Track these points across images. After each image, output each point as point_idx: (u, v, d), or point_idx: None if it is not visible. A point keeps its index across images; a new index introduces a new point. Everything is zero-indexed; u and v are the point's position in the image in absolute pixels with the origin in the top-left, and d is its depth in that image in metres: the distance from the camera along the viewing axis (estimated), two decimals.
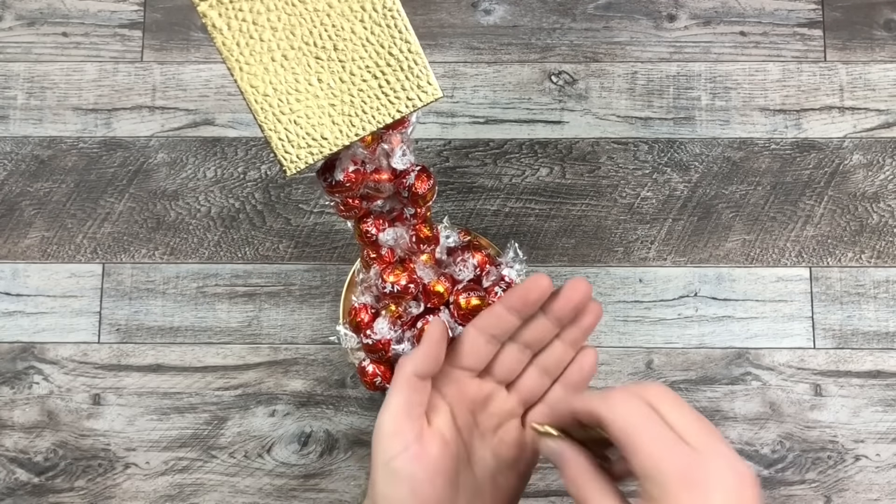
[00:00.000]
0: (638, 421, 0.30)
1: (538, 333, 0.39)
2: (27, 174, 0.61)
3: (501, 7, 0.63)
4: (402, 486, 0.34)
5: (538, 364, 0.40)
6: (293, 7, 0.35)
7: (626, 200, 0.60)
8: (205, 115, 0.62)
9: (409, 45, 0.35)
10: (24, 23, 0.63)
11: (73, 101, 0.62)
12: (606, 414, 0.31)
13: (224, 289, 0.60)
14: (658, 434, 0.30)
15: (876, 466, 0.57)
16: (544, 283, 0.37)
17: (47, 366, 0.59)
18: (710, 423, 0.32)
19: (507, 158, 0.61)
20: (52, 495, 0.57)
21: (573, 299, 0.38)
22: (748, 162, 0.61)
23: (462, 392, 0.39)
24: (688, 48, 0.62)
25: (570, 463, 0.33)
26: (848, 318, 0.59)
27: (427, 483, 0.35)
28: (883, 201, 0.60)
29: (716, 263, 0.60)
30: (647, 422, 0.30)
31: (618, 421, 0.31)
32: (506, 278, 0.50)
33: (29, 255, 0.60)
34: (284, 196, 0.61)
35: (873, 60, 0.62)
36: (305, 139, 0.36)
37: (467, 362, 0.39)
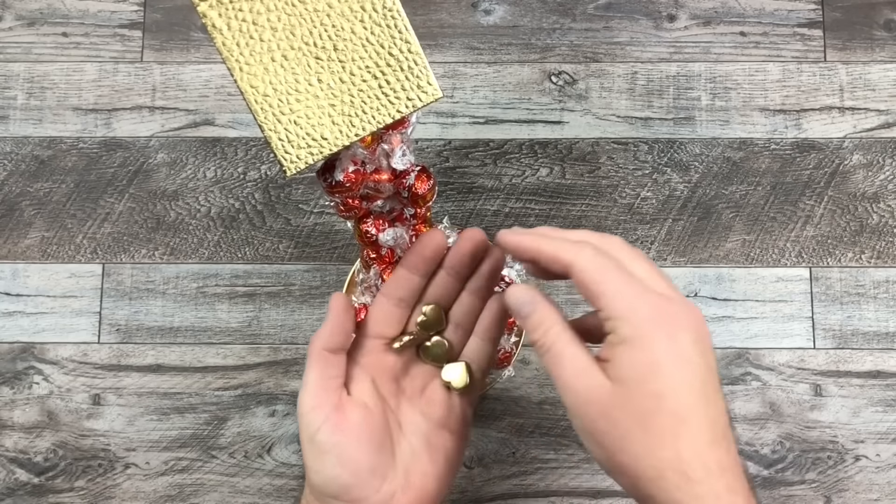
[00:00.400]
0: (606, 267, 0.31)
1: (443, 289, 0.40)
2: (27, 174, 0.61)
3: (501, 7, 0.63)
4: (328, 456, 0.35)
5: (452, 320, 0.40)
6: (293, 7, 0.35)
7: (626, 200, 0.60)
8: (205, 116, 0.62)
9: (409, 45, 0.35)
10: (24, 23, 0.63)
11: (73, 101, 0.62)
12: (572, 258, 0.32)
13: (224, 289, 0.60)
14: (626, 279, 0.31)
15: (876, 466, 0.57)
16: (438, 237, 0.39)
17: (47, 366, 0.59)
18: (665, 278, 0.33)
19: (507, 158, 0.61)
20: (52, 495, 0.57)
21: (466, 249, 0.39)
22: (748, 162, 0.61)
23: (381, 360, 0.39)
24: (688, 48, 0.62)
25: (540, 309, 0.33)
26: (848, 318, 0.59)
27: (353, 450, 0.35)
28: (883, 201, 0.60)
29: (716, 263, 0.60)
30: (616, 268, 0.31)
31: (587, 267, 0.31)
32: (506, 278, 0.50)
33: (29, 255, 0.60)
34: (284, 196, 0.61)
35: (873, 60, 0.62)
36: (305, 139, 0.36)
37: (380, 330, 0.39)
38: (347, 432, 0.35)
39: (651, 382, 0.29)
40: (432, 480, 0.37)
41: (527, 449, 0.57)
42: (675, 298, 0.31)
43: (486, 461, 0.57)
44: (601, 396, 0.30)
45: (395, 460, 0.37)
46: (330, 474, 0.35)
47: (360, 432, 0.36)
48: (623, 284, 0.31)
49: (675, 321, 0.30)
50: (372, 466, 0.36)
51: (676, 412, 0.29)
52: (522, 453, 0.57)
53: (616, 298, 0.30)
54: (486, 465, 0.57)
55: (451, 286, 0.40)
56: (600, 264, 0.31)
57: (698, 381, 0.29)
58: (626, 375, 0.30)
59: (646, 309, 0.30)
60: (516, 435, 0.57)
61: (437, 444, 0.38)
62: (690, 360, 0.29)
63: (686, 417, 0.29)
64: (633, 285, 0.31)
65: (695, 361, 0.29)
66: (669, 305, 0.30)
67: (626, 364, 0.30)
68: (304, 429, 0.36)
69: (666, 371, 0.29)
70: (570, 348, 0.31)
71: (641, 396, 0.29)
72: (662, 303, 0.30)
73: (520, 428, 0.58)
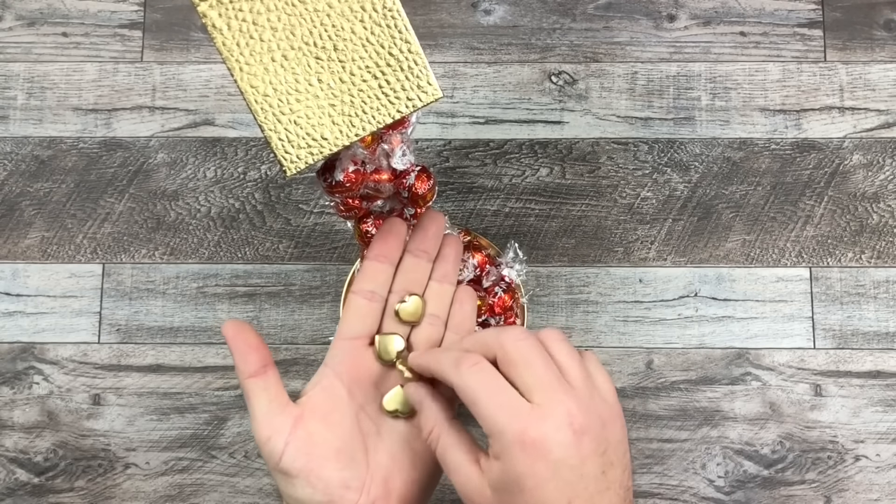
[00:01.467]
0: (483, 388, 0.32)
1: (413, 274, 0.39)
2: (27, 174, 0.61)
3: (501, 7, 0.63)
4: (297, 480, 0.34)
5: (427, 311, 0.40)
6: (293, 7, 0.35)
7: (626, 200, 0.60)
8: (205, 116, 0.62)
9: (409, 45, 0.35)
10: (24, 23, 0.63)
11: (73, 101, 0.62)
12: (455, 381, 0.33)
13: (224, 289, 0.60)
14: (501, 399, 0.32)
15: (876, 467, 0.57)
16: (398, 222, 0.39)
17: (47, 366, 0.59)
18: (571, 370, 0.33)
19: (507, 159, 0.61)
20: (52, 495, 0.57)
21: (430, 228, 0.39)
22: (748, 162, 0.61)
23: (358, 364, 0.38)
24: (688, 48, 0.62)
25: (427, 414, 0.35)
26: (848, 318, 0.59)
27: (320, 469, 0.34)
28: (883, 201, 0.60)
29: (716, 263, 0.60)
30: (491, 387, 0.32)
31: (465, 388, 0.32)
32: (506, 278, 0.50)
33: (29, 255, 0.60)
34: (284, 196, 0.61)
35: (873, 60, 0.62)
36: (305, 139, 0.36)
37: (356, 330, 0.38)
38: (312, 452, 0.34)
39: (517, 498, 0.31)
40: (415, 486, 0.37)
41: None
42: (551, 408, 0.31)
43: None
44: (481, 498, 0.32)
45: (370, 470, 0.36)
46: (301, 496, 0.34)
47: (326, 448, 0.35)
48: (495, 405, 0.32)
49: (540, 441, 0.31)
50: (344, 481, 0.35)
51: None
52: None
53: (488, 419, 0.31)
54: None
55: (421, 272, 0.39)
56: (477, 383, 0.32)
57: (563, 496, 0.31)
58: (498, 487, 0.31)
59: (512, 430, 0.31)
60: None
61: (420, 448, 0.37)
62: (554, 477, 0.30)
63: None
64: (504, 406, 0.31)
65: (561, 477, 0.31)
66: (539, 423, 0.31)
67: (496, 478, 0.31)
68: (268, 459, 0.34)
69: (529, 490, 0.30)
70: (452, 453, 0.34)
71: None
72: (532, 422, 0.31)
73: None
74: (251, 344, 0.36)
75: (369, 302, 0.38)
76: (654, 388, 0.58)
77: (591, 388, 0.33)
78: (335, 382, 0.37)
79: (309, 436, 0.35)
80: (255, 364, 0.35)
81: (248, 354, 0.35)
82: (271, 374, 0.36)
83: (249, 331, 0.36)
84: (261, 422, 0.35)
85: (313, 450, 0.35)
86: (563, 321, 0.59)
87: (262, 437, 0.34)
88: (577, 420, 0.31)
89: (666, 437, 0.57)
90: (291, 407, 0.36)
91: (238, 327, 0.36)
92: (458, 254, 0.40)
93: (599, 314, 0.59)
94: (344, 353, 0.38)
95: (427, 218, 0.39)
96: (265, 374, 0.36)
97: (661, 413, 0.58)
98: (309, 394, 0.37)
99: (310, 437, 0.35)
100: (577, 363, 0.34)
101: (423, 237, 0.39)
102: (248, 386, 0.35)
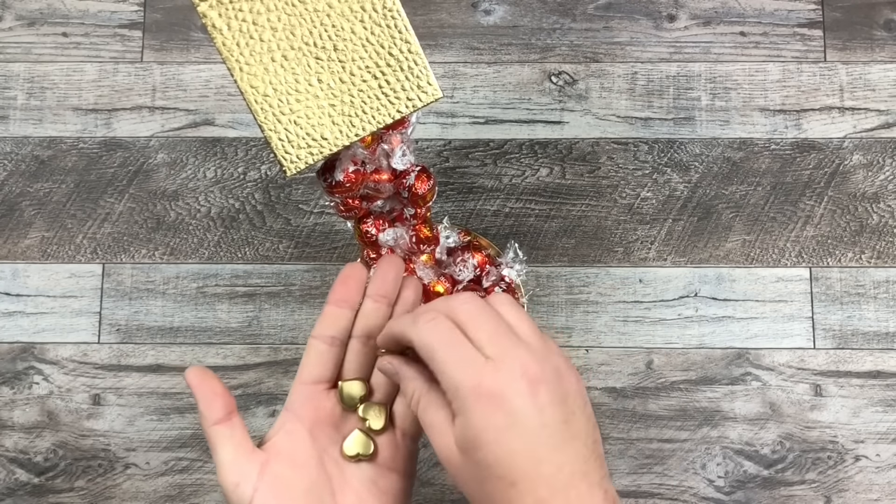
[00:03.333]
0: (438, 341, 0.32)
1: (373, 319, 0.39)
2: (27, 174, 0.61)
3: (501, 7, 0.63)
4: None
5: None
6: (293, 7, 0.35)
7: (626, 201, 0.60)
8: (205, 116, 0.62)
9: (409, 45, 0.35)
10: (24, 23, 0.63)
11: (73, 101, 0.62)
12: (413, 337, 0.33)
13: (224, 289, 0.60)
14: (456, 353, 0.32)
15: (876, 467, 0.57)
16: (358, 268, 0.39)
17: (47, 366, 0.59)
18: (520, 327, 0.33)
19: (507, 159, 0.61)
20: (52, 495, 0.57)
21: (390, 273, 0.39)
22: (748, 162, 0.61)
23: (319, 408, 0.38)
24: (688, 48, 0.62)
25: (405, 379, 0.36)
26: (848, 318, 0.59)
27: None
28: (883, 201, 0.60)
29: (716, 264, 0.60)
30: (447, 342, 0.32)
31: (421, 342, 0.33)
32: (506, 278, 0.50)
33: (29, 255, 0.60)
34: (284, 196, 0.61)
35: (873, 60, 0.62)
36: (305, 139, 0.36)
37: (315, 374, 0.38)
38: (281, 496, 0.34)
39: (479, 452, 0.31)
40: None
41: None
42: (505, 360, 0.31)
43: None
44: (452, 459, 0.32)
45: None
46: None
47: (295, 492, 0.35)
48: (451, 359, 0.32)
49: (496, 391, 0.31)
50: None
51: (504, 477, 0.30)
52: None
53: (444, 374, 0.32)
54: None
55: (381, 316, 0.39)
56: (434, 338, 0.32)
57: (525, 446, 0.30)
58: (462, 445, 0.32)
59: (467, 383, 0.31)
60: None
61: (384, 486, 0.37)
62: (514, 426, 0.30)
63: (515, 481, 0.30)
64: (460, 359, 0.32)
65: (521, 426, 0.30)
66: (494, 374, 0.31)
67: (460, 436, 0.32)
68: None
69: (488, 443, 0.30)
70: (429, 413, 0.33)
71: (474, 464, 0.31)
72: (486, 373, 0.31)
73: None
74: (216, 391, 0.36)
75: (329, 347, 0.38)
76: (654, 388, 0.58)
77: (544, 341, 0.34)
78: (298, 426, 0.37)
79: (277, 480, 0.35)
80: (221, 411, 0.35)
81: (213, 401, 0.35)
82: (236, 421, 0.36)
83: (213, 378, 0.36)
84: (228, 468, 0.35)
85: (282, 493, 0.35)
86: (563, 321, 0.59)
87: (229, 484, 0.34)
88: (532, 369, 0.31)
89: (666, 437, 0.57)
90: (257, 453, 0.36)
91: (202, 374, 0.36)
92: (418, 296, 0.41)
93: (599, 314, 0.59)
94: (304, 398, 0.38)
95: (386, 263, 0.40)
96: (230, 421, 0.36)
97: (661, 413, 0.58)
98: (273, 439, 0.37)
99: (277, 481, 0.35)
100: (528, 321, 0.34)
101: (382, 282, 0.39)
102: (214, 433, 0.35)
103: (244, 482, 0.34)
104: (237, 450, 0.35)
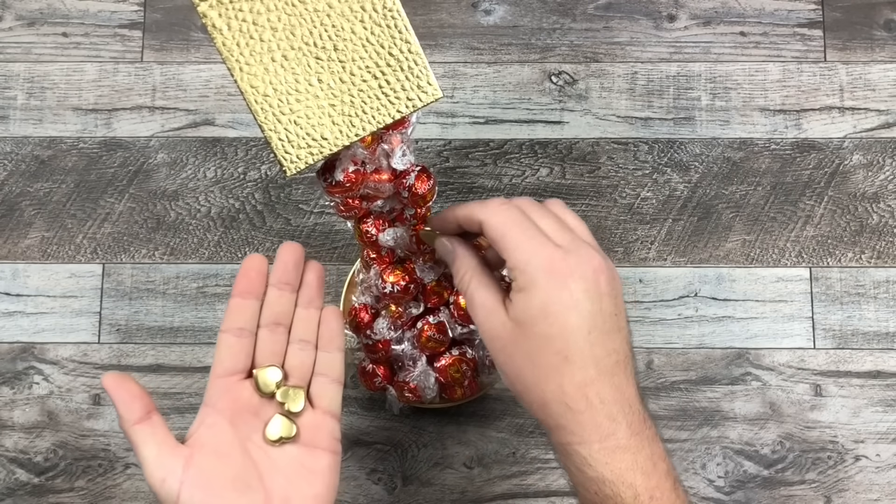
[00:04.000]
0: (511, 222, 0.35)
1: (279, 307, 0.40)
2: (27, 174, 0.61)
3: (501, 7, 0.63)
4: None
5: (294, 338, 0.41)
6: (293, 7, 0.35)
7: (626, 200, 0.60)
8: (205, 116, 0.62)
9: (409, 45, 0.35)
10: (24, 23, 0.63)
11: (73, 101, 0.62)
12: (485, 217, 0.35)
13: (224, 289, 0.60)
14: (528, 234, 0.34)
15: (876, 467, 0.57)
16: (258, 258, 0.40)
17: (47, 366, 0.59)
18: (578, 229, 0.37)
19: (507, 159, 0.61)
20: (52, 495, 0.57)
21: (290, 260, 0.40)
22: (748, 162, 0.61)
23: (237, 399, 0.39)
24: (688, 48, 0.62)
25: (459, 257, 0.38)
26: (848, 318, 0.59)
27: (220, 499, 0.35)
28: (883, 201, 0.60)
29: (716, 263, 0.60)
30: (520, 224, 0.35)
31: (495, 222, 0.35)
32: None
33: (29, 255, 0.60)
34: (284, 196, 0.61)
35: (873, 60, 0.62)
36: (305, 139, 0.36)
37: (228, 366, 0.39)
38: (208, 486, 0.35)
39: (540, 325, 0.33)
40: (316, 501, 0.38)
41: (527, 449, 0.57)
42: (572, 250, 0.34)
43: (486, 461, 0.57)
44: (503, 334, 0.34)
45: (268, 494, 0.36)
46: None
47: (221, 481, 0.36)
48: (523, 239, 0.34)
49: (566, 272, 0.33)
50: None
51: (560, 351, 0.33)
52: (522, 453, 0.57)
53: (516, 251, 0.34)
54: (485, 466, 0.57)
55: (287, 302, 0.40)
56: (506, 219, 0.35)
57: (584, 325, 0.33)
58: (522, 318, 0.34)
59: (539, 261, 0.33)
60: (516, 435, 0.57)
61: (312, 465, 0.38)
62: (576, 307, 0.33)
63: (569, 356, 0.33)
64: (533, 239, 0.34)
65: (582, 307, 0.33)
66: (564, 258, 0.34)
67: (521, 308, 0.34)
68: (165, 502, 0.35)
69: (552, 316, 0.33)
70: (481, 292, 0.36)
71: (532, 337, 0.33)
72: (557, 255, 0.34)
73: (520, 428, 0.58)
74: (133, 393, 0.36)
75: (239, 339, 0.39)
76: (654, 388, 0.58)
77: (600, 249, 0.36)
78: (218, 419, 0.38)
79: (202, 472, 0.36)
80: (139, 411, 0.36)
81: (132, 403, 0.36)
82: (156, 420, 0.37)
83: (130, 380, 0.37)
84: (153, 465, 0.35)
85: (209, 484, 0.35)
86: None
87: (155, 480, 0.35)
88: (596, 261, 0.34)
89: (666, 437, 0.57)
90: (181, 448, 0.36)
91: (118, 379, 0.37)
92: (320, 278, 0.41)
93: None
94: (221, 391, 0.39)
95: (285, 250, 0.40)
96: (150, 420, 0.36)
97: (662, 413, 0.58)
98: (195, 434, 0.37)
99: (203, 472, 0.36)
100: (584, 225, 0.37)
101: (284, 269, 0.40)
102: (135, 433, 0.36)
103: (170, 477, 0.35)
104: (160, 447, 0.36)
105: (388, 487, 0.57)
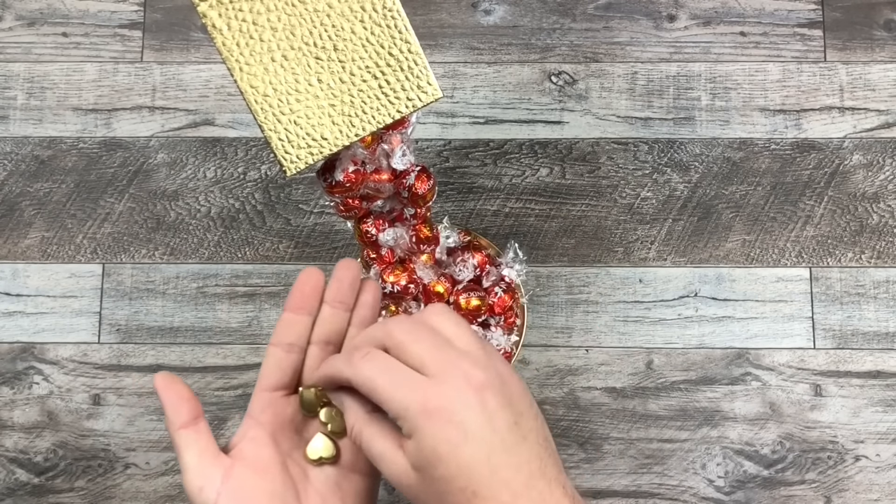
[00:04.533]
0: (378, 372, 0.33)
1: (331, 325, 0.39)
2: (27, 174, 0.61)
3: (501, 7, 0.63)
4: None
5: None
6: (293, 7, 0.35)
7: (626, 201, 0.60)
8: (205, 116, 0.62)
9: (409, 45, 0.35)
10: (24, 23, 0.63)
11: (73, 101, 0.62)
12: (350, 375, 0.34)
13: (224, 289, 0.60)
14: (397, 380, 0.33)
15: (876, 467, 0.57)
16: (315, 273, 0.39)
17: (47, 366, 0.59)
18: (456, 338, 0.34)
19: (507, 159, 0.61)
20: (52, 495, 0.57)
21: (346, 279, 0.39)
22: (748, 162, 0.61)
23: (280, 413, 0.38)
24: (688, 48, 0.62)
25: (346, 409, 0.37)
26: (848, 318, 0.59)
27: None
28: (883, 201, 0.60)
29: (716, 264, 0.60)
30: (386, 371, 0.33)
31: (361, 379, 0.33)
32: (506, 278, 0.50)
33: (29, 255, 0.60)
34: (284, 196, 0.61)
35: (873, 60, 0.62)
36: (305, 139, 0.36)
37: (274, 381, 0.38)
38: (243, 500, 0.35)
39: (438, 468, 0.31)
40: None
41: None
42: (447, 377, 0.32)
43: None
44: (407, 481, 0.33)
45: None
46: None
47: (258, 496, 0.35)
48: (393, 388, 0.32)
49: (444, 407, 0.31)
50: None
51: (465, 489, 0.31)
52: None
53: (391, 402, 0.32)
54: None
55: (340, 321, 0.40)
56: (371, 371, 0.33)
57: (480, 454, 0.31)
58: (419, 464, 0.32)
59: (414, 405, 0.32)
60: None
61: (348, 488, 0.38)
62: (466, 439, 0.31)
63: (476, 490, 0.31)
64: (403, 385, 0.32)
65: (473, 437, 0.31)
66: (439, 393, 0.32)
67: (414, 456, 0.32)
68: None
69: (445, 457, 0.31)
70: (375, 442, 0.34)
71: (435, 480, 0.32)
72: (431, 393, 0.32)
73: None
74: (183, 395, 0.36)
75: (288, 354, 0.39)
76: (654, 388, 0.58)
77: (484, 348, 0.34)
78: (260, 433, 0.38)
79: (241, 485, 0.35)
80: (187, 415, 0.36)
81: (180, 406, 0.36)
82: (202, 426, 0.36)
83: (180, 383, 0.36)
84: (192, 472, 0.35)
85: (246, 498, 0.35)
86: (563, 321, 0.59)
87: (193, 488, 0.35)
88: (476, 378, 0.32)
89: (666, 437, 0.57)
90: (222, 458, 0.36)
91: (169, 379, 0.36)
92: (377, 299, 0.41)
93: (599, 314, 0.59)
94: (265, 404, 0.38)
95: (342, 267, 0.39)
96: (196, 426, 0.36)
97: (661, 413, 0.58)
98: (238, 445, 0.37)
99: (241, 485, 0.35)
100: (465, 329, 0.35)
101: (339, 287, 0.39)
102: (180, 437, 0.36)
103: (208, 486, 0.35)
104: (202, 454, 0.35)
105: (388, 487, 0.57)
